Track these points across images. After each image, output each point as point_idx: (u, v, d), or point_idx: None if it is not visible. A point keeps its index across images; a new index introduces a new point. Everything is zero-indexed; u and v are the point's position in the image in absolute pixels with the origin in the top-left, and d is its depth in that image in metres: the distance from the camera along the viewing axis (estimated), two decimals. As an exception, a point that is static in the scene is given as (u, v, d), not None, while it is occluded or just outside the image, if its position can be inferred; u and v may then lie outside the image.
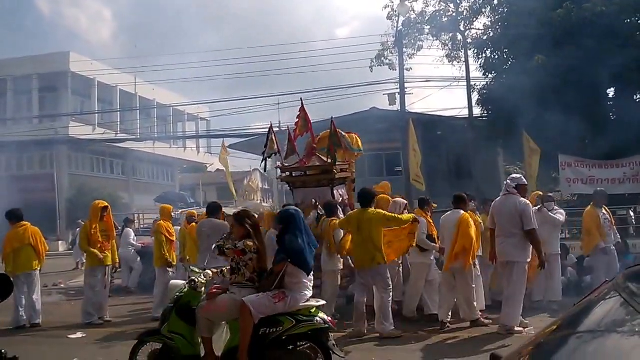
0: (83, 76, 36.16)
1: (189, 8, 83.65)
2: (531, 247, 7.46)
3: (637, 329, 1.55)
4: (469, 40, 21.49)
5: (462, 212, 8.19)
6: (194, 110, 43.34)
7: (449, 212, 8.52)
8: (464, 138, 20.89)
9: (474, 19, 21.72)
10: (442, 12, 22.36)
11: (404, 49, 22.37)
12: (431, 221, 9.02)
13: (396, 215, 8.04)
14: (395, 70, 21.27)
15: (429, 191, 19.25)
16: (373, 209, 7.97)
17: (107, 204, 9.73)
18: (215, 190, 40.34)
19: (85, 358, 7.29)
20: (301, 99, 11.55)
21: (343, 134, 10.88)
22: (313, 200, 9.54)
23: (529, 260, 7.53)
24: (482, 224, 8.98)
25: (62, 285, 14.90)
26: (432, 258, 8.84)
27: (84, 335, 8.57)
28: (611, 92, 17.98)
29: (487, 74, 19.56)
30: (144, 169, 43.82)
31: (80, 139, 33.88)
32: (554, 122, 15.10)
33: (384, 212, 8.08)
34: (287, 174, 10.36)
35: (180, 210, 17.62)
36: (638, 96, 17.53)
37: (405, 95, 20.12)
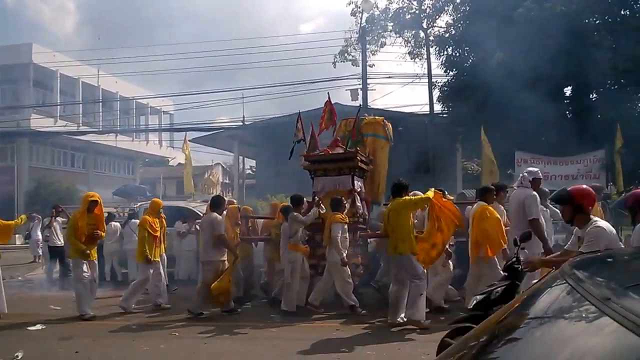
0: (45, 68, 35.36)
1: (154, 1, 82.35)
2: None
3: (583, 315, 1.56)
4: (431, 38, 21.49)
5: (481, 203, 8.02)
6: (157, 103, 42.62)
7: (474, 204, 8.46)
8: (424, 134, 20.91)
9: (437, 17, 21.73)
10: (405, 10, 22.30)
11: (367, 46, 22.24)
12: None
13: (420, 196, 8.07)
14: (358, 66, 21.15)
15: (387, 185, 19.25)
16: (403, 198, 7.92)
17: (97, 198, 9.29)
18: (175, 184, 39.78)
19: (45, 350, 7.08)
20: (328, 93, 11.44)
21: (380, 121, 11.09)
22: (316, 197, 9.57)
23: (542, 252, 7.27)
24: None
25: (20, 278, 14.57)
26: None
27: (44, 327, 8.34)
28: (568, 90, 18.18)
29: (448, 71, 19.59)
30: (105, 162, 43.02)
31: (41, 132, 33.01)
32: (512, 119, 15.18)
33: (408, 198, 7.99)
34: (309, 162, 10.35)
35: (139, 204, 17.07)
36: (593, 95, 17.76)
37: (368, 91, 20.01)
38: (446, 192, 9.23)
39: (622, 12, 17.53)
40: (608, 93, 17.04)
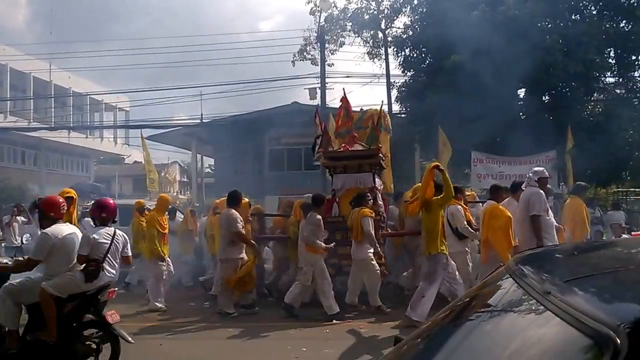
0: (-6, 62, 34.05)
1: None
2: (551, 236, 7.43)
3: (526, 309, 1.58)
4: (390, 39, 21.71)
5: (492, 202, 8.04)
6: (112, 99, 41.67)
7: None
8: (383, 134, 21.07)
9: (395, 18, 21.96)
10: (363, 10, 22.48)
11: (326, 45, 22.30)
12: (467, 207, 8.93)
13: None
14: (317, 65, 21.19)
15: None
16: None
17: (73, 194, 8.69)
18: (131, 182, 39.03)
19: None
20: (343, 89, 11.26)
21: (382, 113, 10.95)
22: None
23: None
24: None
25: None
26: (468, 246, 8.75)
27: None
28: (522, 92, 18.64)
29: (405, 71, 19.83)
30: (57, 159, 41.80)
31: (-10, 128, 31.84)
32: (468, 120, 15.46)
33: (435, 198, 7.80)
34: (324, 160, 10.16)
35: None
36: (546, 97, 18.26)
37: (326, 90, 20.08)
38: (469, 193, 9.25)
39: (573, 17, 18.06)
40: (560, 95, 17.55)
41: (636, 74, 19.11)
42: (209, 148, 29.25)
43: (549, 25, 17.46)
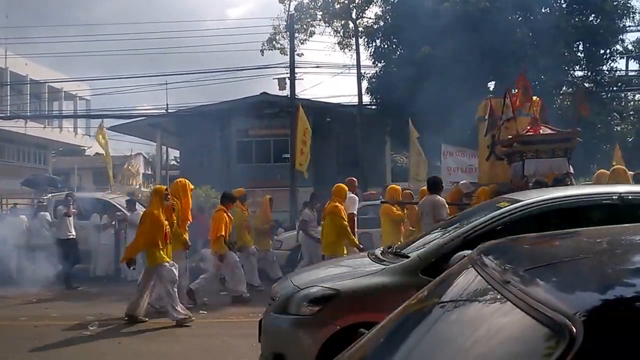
0: (-55, 47, 32.93)
1: (70, -22, 78.69)
2: None
3: (487, 299, 1.59)
4: (361, 29, 21.74)
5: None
6: (72, 87, 40.74)
7: None
8: (353, 125, 21.17)
9: (366, 8, 21.98)
10: (334, -1, 22.44)
11: (296, 34, 22.21)
12: None
13: None
14: (287, 55, 21.09)
15: (316, 178, 19.39)
16: None
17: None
18: (91, 175, 38.34)
19: None
20: (522, 69, 10.95)
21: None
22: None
23: None
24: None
25: None
26: None
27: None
28: (492, 85, 18.88)
29: (376, 62, 19.88)
30: (13, 150, 40.73)
31: (-60, 116, 30.83)
32: (439, 112, 15.60)
33: None
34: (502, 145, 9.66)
35: (50, 195, 16.28)
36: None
37: (296, 81, 20.00)
38: None
39: (543, 10, 18.37)
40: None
41: (605, 67, 19.55)
42: (175, 139, 28.90)
43: (519, 19, 17.73)
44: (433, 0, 16.95)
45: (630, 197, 4.24)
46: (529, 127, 9.48)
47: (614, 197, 4.23)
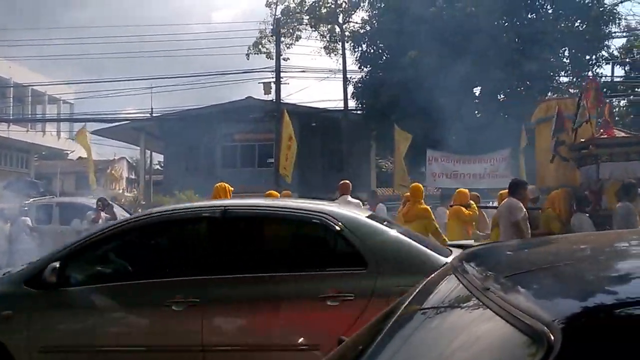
0: None
1: (54, -19, 78.19)
2: None
3: (467, 306, 1.59)
4: (347, 33, 21.81)
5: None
6: (55, 91, 40.38)
7: None
8: (338, 130, 21.20)
9: (353, 12, 22.09)
10: (321, 3, 22.48)
11: (282, 38, 22.24)
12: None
13: None
14: (273, 59, 21.09)
15: (301, 183, 19.38)
16: None
17: None
18: (74, 179, 37.97)
19: None
20: (593, 72, 10.36)
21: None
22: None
23: None
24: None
25: None
26: None
27: None
28: (477, 90, 19.01)
29: (362, 67, 19.94)
30: (-5, 153, 40.30)
31: None
32: (424, 117, 15.64)
33: None
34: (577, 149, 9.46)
35: (32, 200, 16.06)
36: (501, 95, 18.66)
37: (282, 85, 20.01)
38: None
39: (529, 16, 18.53)
40: (515, 94, 17.97)
41: (590, 74, 19.73)
42: (159, 144, 28.75)
43: (506, 24, 17.86)
44: (419, 5, 17.02)
45: (233, 211, 4.37)
46: (602, 130, 9.45)
47: (216, 211, 4.32)
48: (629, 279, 1.52)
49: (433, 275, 2.13)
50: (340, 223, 4.12)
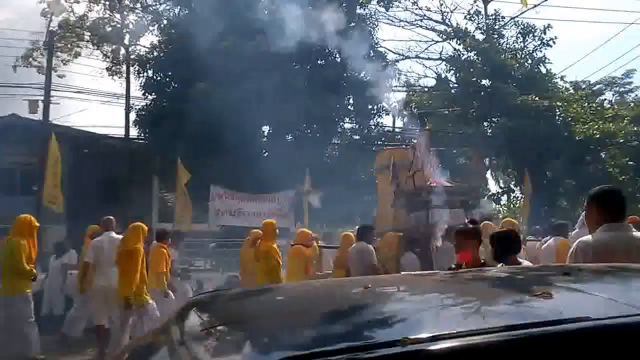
0: None
1: None
2: None
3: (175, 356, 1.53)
4: (133, 56, 20.54)
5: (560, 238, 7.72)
6: None
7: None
8: (118, 159, 19.63)
9: (141, 35, 20.92)
10: (106, 21, 20.95)
11: (58, 53, 20.17)
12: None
13: None
14: (44, 74, 18.88)
15: (72, 214, 17.36)
16: None
17: None
18: None
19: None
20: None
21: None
22: None
23: None
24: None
25: None
26: None
27: None
28: (266, 129, 19.06)
29: (147, 94, 18.84)
30: None
31: None
32: (210, 153, 15.08)
33: None
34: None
35: None
36: (289, 137, 18.87)
37: (54, 105, 17.93)
38: None
39: (319, 62, 19.14)
40: (302, 136, 18.30)
41: (372, 122, 20.95)
42: None
43: (297, 67, 18.19)
44: (211, 38, 16.52)
45: None
46: (431, 179, 10.29)
47: None
48: (325, 330, 1.52)
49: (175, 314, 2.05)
50: None
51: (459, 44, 23.61)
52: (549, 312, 1.52)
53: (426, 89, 25.77)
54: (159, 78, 18.81)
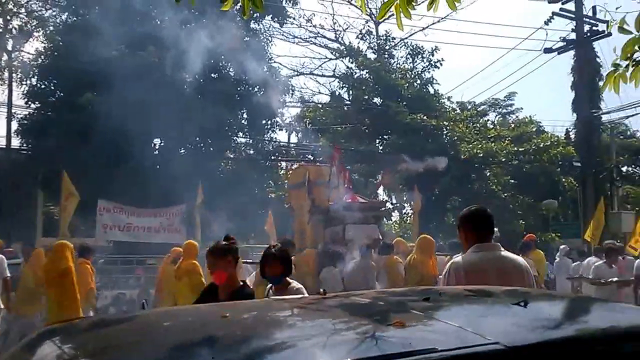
0: None
1: None
2: None
3: None
4: (16, 62, 19.60)
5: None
6: None
7: None
8: (-2, 170, 18.63)
9: (25, 41, 20.00)
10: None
11: None
12: None
13: None
14: None
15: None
16: None
17: None
18: None
19: None
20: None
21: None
22: None
23: None
24: None
25: None
26: None
27: None
28: (157, 142, 18.78)
29: (30, 103, 18.04)
30: None
31: None
32: (98, 165, 14.67)
33: None
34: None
35: None
36: (182, 150, 18.70)
37: None
38: None
39: (212, 75, 19.16)
40: (195, 150, 18.21)
41: (266, 136, 21.20)
42: None
43: (189, 79, 18.09)
44: (101, 46, 16.15)
45: None
46: (346, 196, 10.59)
47: None
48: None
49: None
50: None
51: (352, 62, 24.58)
52: (398, 343, 1.52)
53: (320, 105, 26.49)
54: (43, 86, 18.16)
